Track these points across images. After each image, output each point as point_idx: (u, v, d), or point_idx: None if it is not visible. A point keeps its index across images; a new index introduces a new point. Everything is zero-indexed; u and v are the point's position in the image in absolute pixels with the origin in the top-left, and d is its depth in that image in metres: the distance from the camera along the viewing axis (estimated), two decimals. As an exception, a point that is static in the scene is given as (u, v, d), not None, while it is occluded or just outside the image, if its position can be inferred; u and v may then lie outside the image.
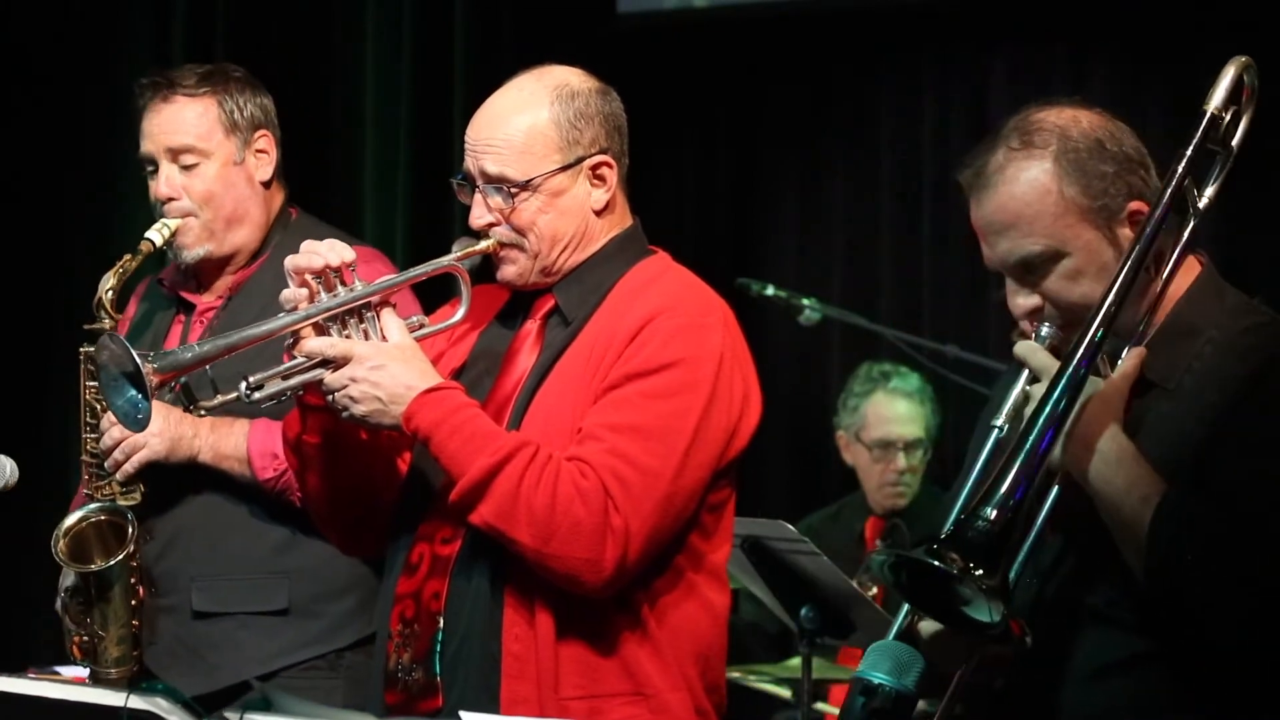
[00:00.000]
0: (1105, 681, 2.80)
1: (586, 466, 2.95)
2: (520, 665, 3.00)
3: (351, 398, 2.99)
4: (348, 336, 3.02)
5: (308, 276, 3.02)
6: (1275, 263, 5.99)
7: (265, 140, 3.94)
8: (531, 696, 2.98)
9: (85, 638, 3.86)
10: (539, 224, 3.09)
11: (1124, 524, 2.71)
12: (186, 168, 3.88)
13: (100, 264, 3.93)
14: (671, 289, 3.09)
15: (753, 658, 5.48)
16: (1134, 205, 2.79)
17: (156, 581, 3.88)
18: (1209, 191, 2.79)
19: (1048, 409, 2.65)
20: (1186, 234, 2.78)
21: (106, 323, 3.86)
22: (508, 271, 3.13)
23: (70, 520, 3.84)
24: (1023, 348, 2.80)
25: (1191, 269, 2.86)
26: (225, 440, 3.79)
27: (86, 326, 3.88)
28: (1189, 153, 2.74)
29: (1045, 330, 2.81)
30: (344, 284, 3.02)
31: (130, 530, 3.81)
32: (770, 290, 5.79)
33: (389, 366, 2.99)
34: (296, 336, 3.02)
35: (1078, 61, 6.38)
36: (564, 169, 3.09)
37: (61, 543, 3.82)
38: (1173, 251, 2.79)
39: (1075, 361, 2.67)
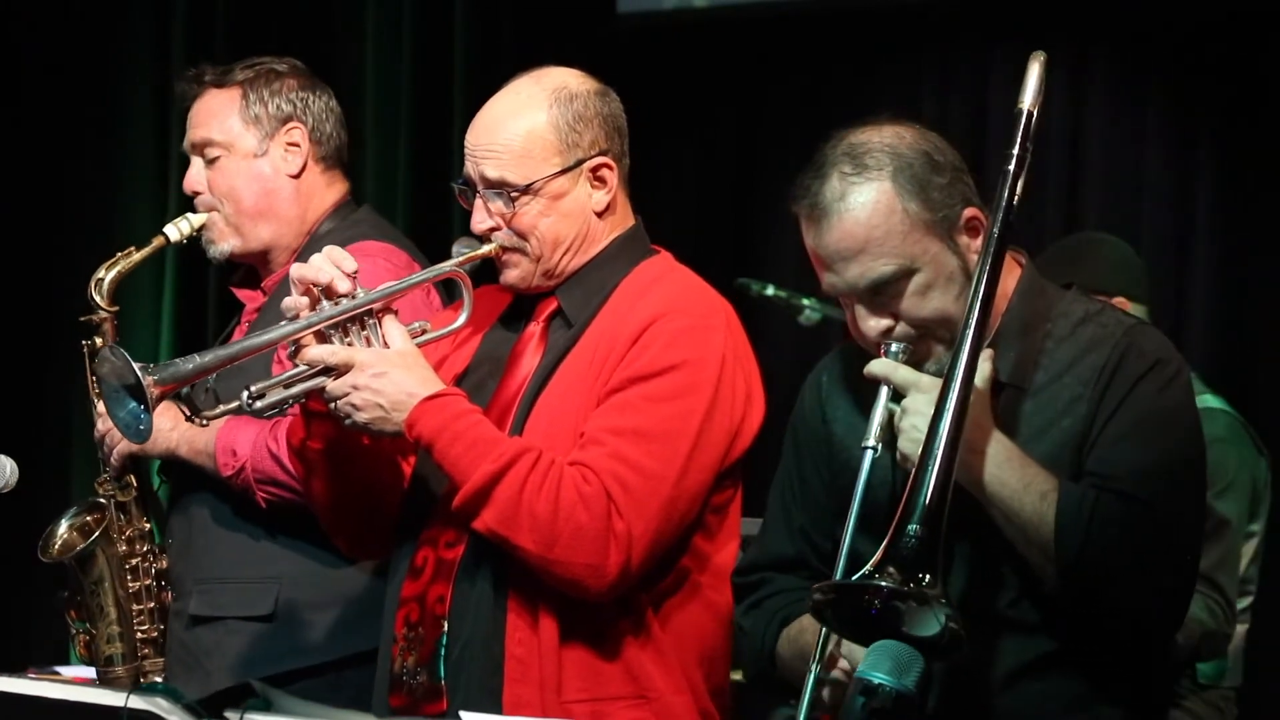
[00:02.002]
0: (1019, 686, 2.82)
1: (589, 471, 2.95)
2: (523, 668, 3.00)
3: (354, 405, 2.99)
4: (350, 344, 3.02)
5: (310, 285, 3.01)
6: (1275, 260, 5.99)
7: (297, 133, 3.85)
8: (534, 700, 2.99)
9: (86, 636, 3.84)
10: (540, 227, 3.09)
11: (1025, 524, 2.73)
12: (211, 162, 3.82)
13: (100, 264, 3.92)
14: (674, 291, 3.10)
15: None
16: (970, 211, 2.84)
17: (174, 585, 3.85)
18: (1019, 187, 2.79)
19: (945, 419, 2.65)
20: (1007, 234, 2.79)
21: (99, 314, 3.82)
22: (510, 275, 3.13)
23: (60, 529, 3.83)
24: (881, 366, 2.81)
25: (1013, 269, 2.90)
26: (199, 436, 3.71)
27: (81, 319, 3.84)
28: (1017, 151, 2.77)
29: (895, 347, 2.83)
30: (347, 291, 3.02)
31: (106, 517, 3.79)
32: (770, 290, 5.78)
33: (391, 374, 2.99)
34: (298, 344, 3.02)
35: (1077, 61, 6.38)
36: (564, 172, 3.09)
37: (55, 544, 3.81)
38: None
39: (961, 370, 2.68)
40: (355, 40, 6.59)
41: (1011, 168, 2.76)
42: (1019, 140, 2.77)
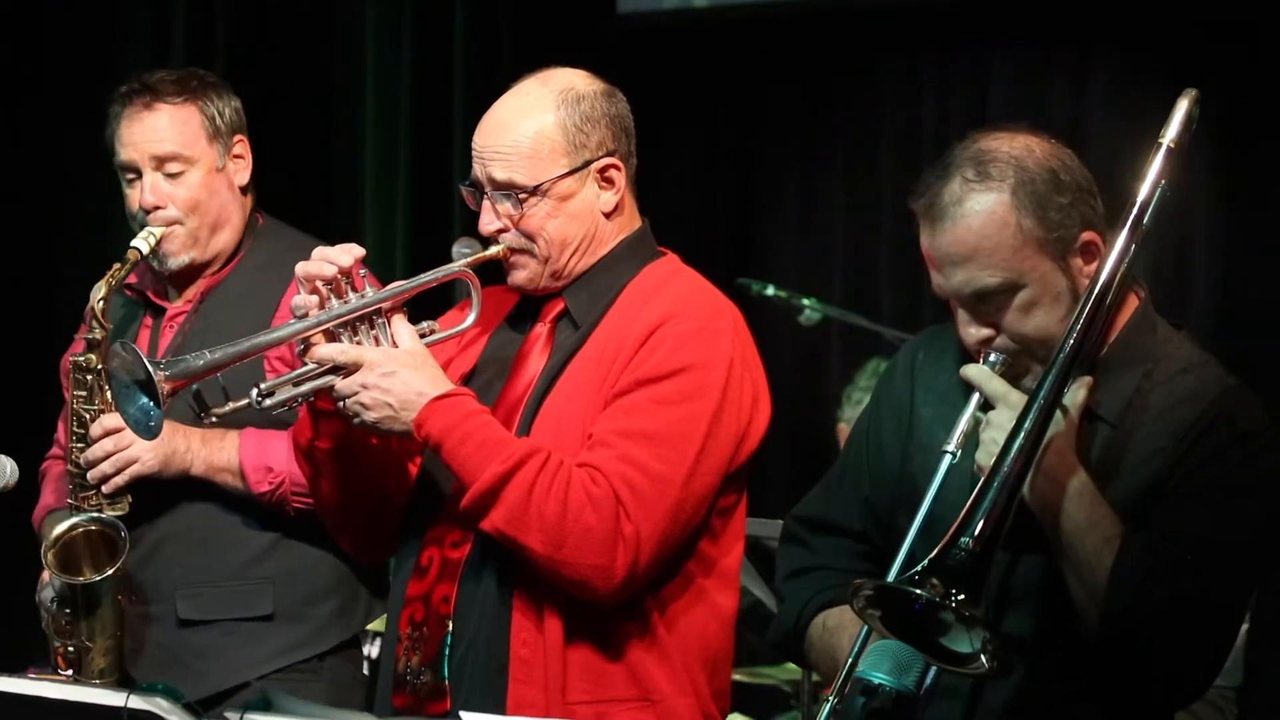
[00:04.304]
0: (1052, 711, 2.82)
1: (597, 473, 2.95)
2: (528, 669, 3.00)
3: (363, 404, 2.98)
4: (359, 343, 3.02)
5: (318, 283, 3.02)
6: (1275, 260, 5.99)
7: (241, 145, 3.93)
8: (538, 701, 2.98)
9: (71, 648, 3.81)
10: (548, 229, 3.09)
11: (1081, 561, 2.71)
12: (171, 175, 3.85)
13: (99, 265, 3.90)
14: (681, 293, 3.09)
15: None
16: (1087, 235, 2.80)
17: (138, 589, 3.84)
18: (1147, 221, 2.76)
19: (1020, 439, 2.64)
20: (1127, 264, 2.76)
21: (98, 332, 3.80)
22: (518, 277, 3.13)
23: (60, 528, 3.77)
24: (976, 372, 2.80)
25: (1130, 301, 2.87)
26: (218, 454, 3.76)
27: (84, 336, 3.84)
28: (1148, 185, 2.74)
29: (994, 356, 2.81)
30: (354, 290, 3.03)
31: (122, 544, 3.75)
32: (770, 290, 5.80)
33: (400, 373, 2.99)
34: (307, 343, 3.02)
35: (1078, 61, 6.38)
36: (572, 173, 3.09)
37: (51, 553, 3.78)
38: (1116, 282, 2.77)
39: (1046, 394, 2.67)
40: (355, 40, 6.59)
41: (1140, 199, 2.73)
42: (1153, 174, 2.74)
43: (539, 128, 3.08)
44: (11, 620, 6.06)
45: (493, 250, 3.11)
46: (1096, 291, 2.72)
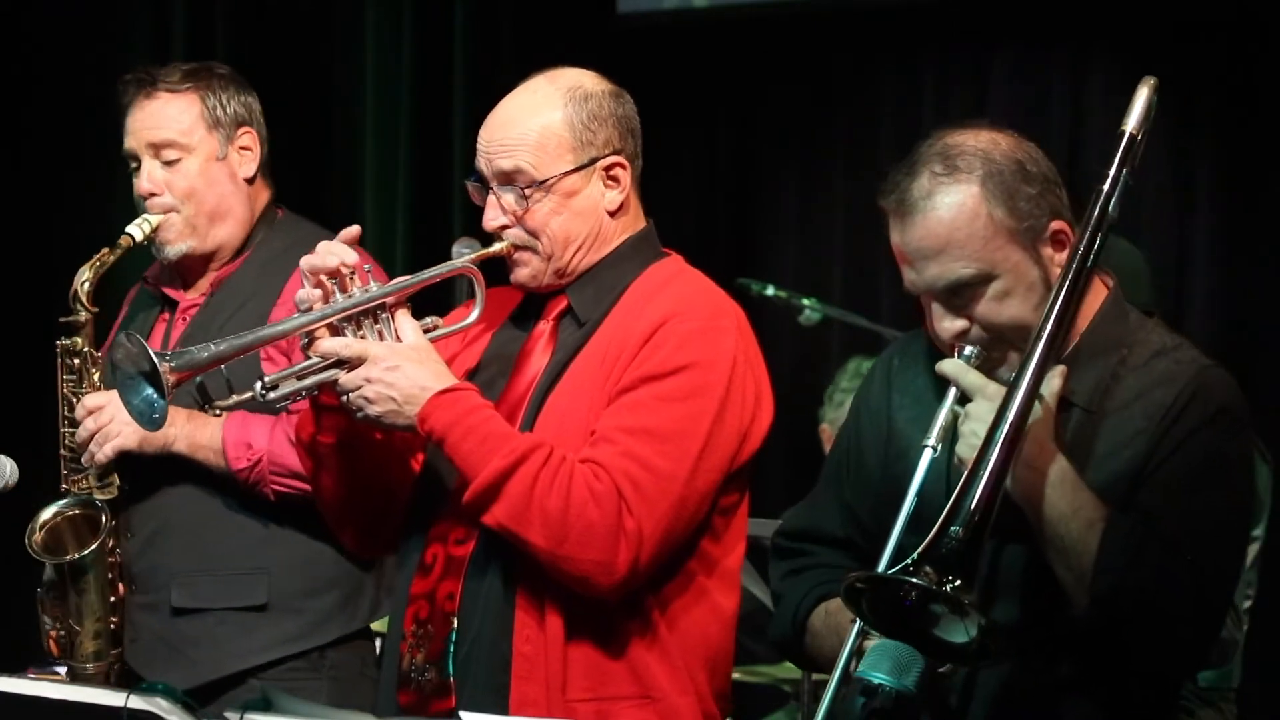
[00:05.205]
0: (1022, 707, 2.82)
1: (600, 469, 2.95)
2: (530, 666, 3.00)
3: (366, 398, 2.99)
4: (363, 337, 3.03)
5: (322, 277, 3.02)
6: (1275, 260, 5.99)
7: (249, 137, 3.93)
8: (540, 698, 2.99)
9: (61, 632, 3.84)
10: (552, 225, 3.09)
11: (1067, 548, 2.73)
12: (169, 163, 3.86)
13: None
14: (685, 292, 3.10)
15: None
16: (1056, 224, 2.83)
17: (136, 578, 3.86)
18: (1112, 210, 2.78)
19: (1002, 429, 2.66)
20: (1094, 253, 2.78)
21: (82, 315, 3.84)
22: (521, 274, 3.13)
23: (45, 515, 3.82)
24: (952, 367, 2.81)
25: (1099, 290, 2.90)
26: (201, 430, 3.77)
27: (62, 320, 3.85)
28: (1113, 173, 2.76)
29: (969, 350, 2.83)
30: (359, 284, 3.03)
31: (103, 522, 3.79)
32: (770, 290, 5.80)
33: (404, 367, 2.99)
34: (311, 337, 3.03)
35: (1078, 61, 6.39)
36: (577, 169, 3.09)
37: (36, 535, 3.80)
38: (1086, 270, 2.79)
39: (1026, 383, 2.68)
40: (355, 40, 6.59)
41: (1106, 187, 2.75)
42: (1117, 161, 2.77)
43: (546, 123, 3.08)
44: (11, 620, 6.07)
45: (496, 247, 3.11)
46: (1069, 279, 2.74)
